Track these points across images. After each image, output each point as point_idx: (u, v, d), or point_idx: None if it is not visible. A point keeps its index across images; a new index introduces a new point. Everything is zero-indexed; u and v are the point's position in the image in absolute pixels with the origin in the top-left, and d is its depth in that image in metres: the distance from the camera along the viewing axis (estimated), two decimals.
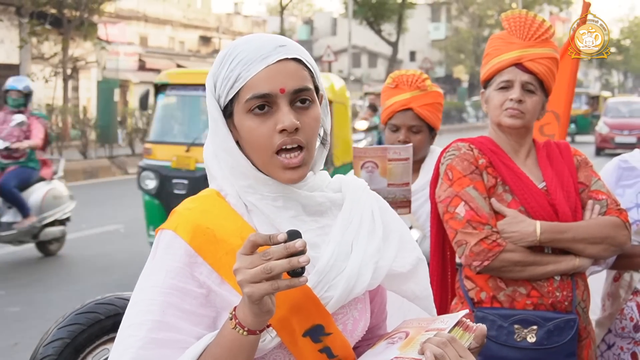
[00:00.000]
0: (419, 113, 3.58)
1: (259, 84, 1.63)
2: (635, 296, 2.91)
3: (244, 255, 1.47)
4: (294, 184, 1.70)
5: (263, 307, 1.48)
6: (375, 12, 40.54)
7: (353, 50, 45.54)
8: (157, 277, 1.64)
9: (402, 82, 3.63)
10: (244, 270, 1.45)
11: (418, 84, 3.61)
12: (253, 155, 1.68)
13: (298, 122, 1.63)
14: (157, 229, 1.72)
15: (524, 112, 2.74)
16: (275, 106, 1.64)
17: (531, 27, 2.79)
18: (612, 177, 3.01)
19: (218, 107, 1.70)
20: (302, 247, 1.44)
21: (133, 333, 1.60)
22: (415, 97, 3.60)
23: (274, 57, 1.64)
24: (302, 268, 1.45)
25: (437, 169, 2.86)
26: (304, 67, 1.68)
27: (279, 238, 1.45)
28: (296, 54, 1.67)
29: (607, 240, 2.68)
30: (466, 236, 2.66)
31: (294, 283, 1.46)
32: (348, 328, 1.75)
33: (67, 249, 10.05)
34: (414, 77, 3.62)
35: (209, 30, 45.66)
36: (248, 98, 1.64)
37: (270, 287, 1.45)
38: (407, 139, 3.58)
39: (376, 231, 1.77)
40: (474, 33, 55.65)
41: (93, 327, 2.53)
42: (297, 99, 1.65)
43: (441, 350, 1.55)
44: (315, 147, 1.71)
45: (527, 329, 2.66)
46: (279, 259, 1.44)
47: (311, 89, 1.67)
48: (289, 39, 1.72)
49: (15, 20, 25.92)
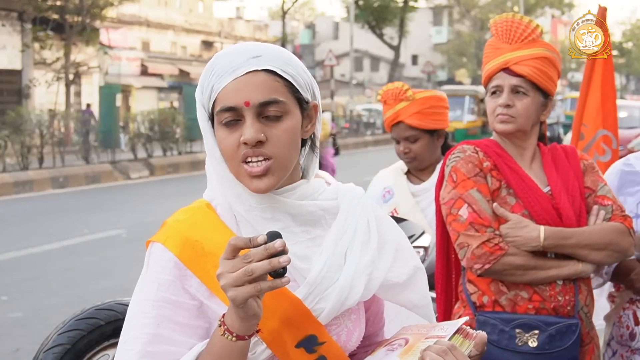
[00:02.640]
0: (409, 123, 3.77)
1: (227, 96, 1.63)
2: (631, 305, 2.89)
3: (225, 259, 1.47)
4: (281, 194, 1.70)
5: (248, 310, 1.48)
6: (377, 16, 40.61)
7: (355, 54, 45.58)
8: (149, 290, 1.65)
9: (388, 97, 3.84)
10: (226, 275, 1.45)
11: (401, 96, 3.80)
12: (228, 165, 1.69)
13: (262, 135, 1.62)
14: (148, 241, 1.73)
15: (514, 117, 2.74)
16: (242, 119, 1.63)
17: (517, 30, 2.79)
18: (614, 183, 2.98)
19: (206, 116, 1.71)
20: (282, 247, 1.44)
21: (130, 347, 1.61)
22: (402, 110, 3.79)
23: (243, 69, 1.63)
24: (284, 268, 1.45)
25: (442, 171, 2.85)
26: (277, 78, 1.65)
27: (258, 240, 1.45)
28: (269, 65, 1.64)
29: (611, 247, 2.66)
30: (468, 239, 2.65)
31: (276, 284, 1.46)
32: (342, 339, 1.74)
33: (69, 254, 10.05)
34: (396, 91, 3.82)
35: (211, 35, 45.70)
36: (218, 110, 1.65)
37: (253, 290, 1.44)
38: (406, 149, 3.80)
39: (371, 241, 1.76)
40: (476, 36, 55.70)
41: (93, 332, 2.52)
42: (265, 112, 1.63)
43: (442, 358, 1.54)
44: (288, 158, 1.67)
45: (529, 333, 2.64)
46: (260, 261, 1.44)
47: (282, 101, 1.64)
48: (273, 48, 1.69)
49: (17, 25, 26.00)
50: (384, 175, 4.03)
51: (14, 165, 17.91)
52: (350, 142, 31.51)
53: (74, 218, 13.06)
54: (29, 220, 12.81)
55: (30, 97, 26.79)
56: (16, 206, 14.87)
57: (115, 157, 21.11)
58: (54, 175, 18.00)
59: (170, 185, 18.61)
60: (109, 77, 32.75)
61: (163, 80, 38.45)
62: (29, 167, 18.02)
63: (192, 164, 21.91)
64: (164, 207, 12.20)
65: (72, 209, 14.34)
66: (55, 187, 17.66)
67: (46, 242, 10.91)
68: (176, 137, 23.09)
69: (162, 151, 22.73)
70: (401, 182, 3.92)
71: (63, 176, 18.18)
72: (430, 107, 3.79)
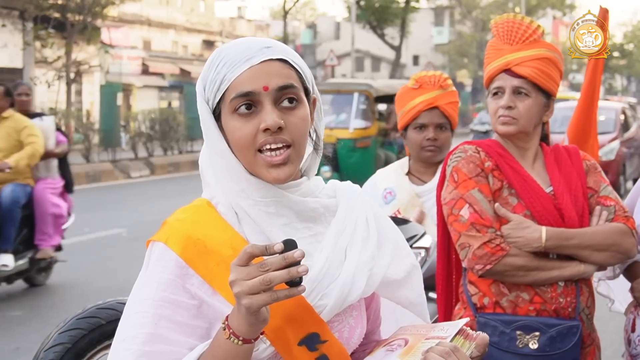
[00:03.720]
0: (444, 110, 3.78)
1: (243, 83, 1.63)
2: (635, 309, 2.85)
3: (239, 266, 1.46)
4: (286, 189, 1.69)
5: (259, 317, 1.48)
6: (378, 17, 40.49)
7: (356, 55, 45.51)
8: (149, 289, 1.64)
9: (426, 82, 3.82)
10: (241, 282, 1.45)
11: (441, 83, 3.81)
12: (240, 156, 1.68)
13: (282, 121, 1.62)
14: (148, 241, 1.72)
15: (515, 118, 2.73)
16: (259, 105, 1.63)
17: (518, 31, 2.79)
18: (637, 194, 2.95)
19: (208, 110, 1.70)
20: (301, 257, 1.44)
21: (127, 347, 1.60)
22: (440, 96, 3.79)
23: (258, 58, 1.64)
24: (300, 278, 1.44)
25: (443, 171, 2.85)
26: (290, 67, 1.67)
27: (275, 248, 1.44)
28: (282, 55, 1.67)
29: (613, 248, 2.65)
30: (469, 239, 2.64)
31: (293, 292, 1.46)
32: (344, 336, 1.74)
33: (70, 253, 10.04)
34: (436, 77, 3.83)
35: (212, 35, 45.67)
36: (232, 98, 1.64)
37: (269, 298, 1.44)
38: (436, 136, 3.77)
39: (370, 238, 1.76)
40: (477, 37, 55.60)
41: (94, 332, 2.52)
42: (282, 98, 1.64)
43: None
44: (304, 147, 1.69)
45: (530, 335, 2.63)
46: (277, 270, 1.43)
47: (297, 87, 1.66)
48: (279, 42, 1.72)
49: (18, 24, 25.95)
50: (383, 176, 3.96)
51: None
52: None
53: (74, 216, 13.04)
54: None
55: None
56: None
57: (116, 156, 21.10)
58: None
59: (171, 184, 18.59)
60: (110, 76, 32.71)
61: (164, 80, 38.42)
62: None
63: (192, 163, 21.87)
64: (164, 206, 12.18)
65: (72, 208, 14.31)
66: None
67: None
68: (177, 137, 23.09)
69: (163, 150, 22.72)
70: (404, 183, 3.85)
71: None
72: (458, 103, 3.88)
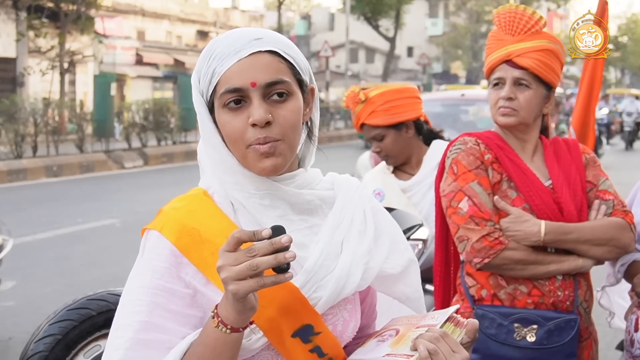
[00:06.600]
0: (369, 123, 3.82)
1: (232, 78, 1.62)
2: (638, 309, 2.82)
3: (227, 252, 1.45)
4: (281, 181, 1.68)
5: (247, 304, 1.47)
6: (372, 8, 40.53)
7: (350, 46, 45.56)
8: (143, 277, 1.63)
9: (348, 103, 3.89)
10: (228, 268, 1.43)
11: (355, 99, 3.86)
12: (232, 149, 1.67)
13: (270, 116, 1.61)
14: (144, 229, 1.71)
15: (516, 109, 2.71)
16: (249, 100, 1.62)
17: (520, 22, 2.76)
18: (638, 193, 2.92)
19: (203, 102, 1.69)
20: (288, 243, 1.42)
21: (121, 334, 1.60)
22: (360, 112, 3.87)
23: (246, 51, 1.62)
24: (288, 264, 1.43)
25: (442, 162, 2.82)
26: (281, 59, 1.65)
27: (263, 234, 1.43)
28: (272, 47, 1.64)
29: (612, 242, 2.64)
30: (468, 232, 2.62)
31: (280, 279, 1.45)
32: (338, 329, 1.73)
33: (63, 243, 10.02)
34: (351, 95, 3.91)
35: (207, 25, 45.58)
36: (222, 92, 1.63)
37: (255, 284, 1.43)
38: (377, 148, 3.83)
39: (367, 231, 1.75)
40: (472, 29, 55.74)
41: (85, 323, 2.49)
42: (271, 93, 1.62)
43: (434, 345, 1.53)
44: (295, 140, 1.67)
45: (527, 328, 2.62)
46: (265, 255, 1.42)
47: (287, 82, 1.63)
48: (274, 32, 1.70)
49: (12, 13, 25.88)
50: (371, 178, 3.99)
51: (7, 153, 17.85)
52: (344, 134, 31.48)
53: (67, 207, 13.02)
54: (22, 209, 12.76)
55: (25, 85, 26.69)
56: (10, 195, 14.80)
57: (110, 147, 21.06)
58: (47, 164, 17.95)
59: (165, 175, 18.58)
60: (104, 66, 32.62)
61: (158, 70, 38.35)
62: (23, 155, 17.95)
63: (186, 153, 21.86)
64: (158, 196, 12.18)
65: (65, 198, 14.30)
66: (49, 176, 17.61)
67: (39, 230, 10.87)
68: (171, 127, 23.06)
69: (157, 141, 22.68)
70: (389, 182, 3.88)
71: (57, 165, 18.12)
72: (385, 103, 3.79)
